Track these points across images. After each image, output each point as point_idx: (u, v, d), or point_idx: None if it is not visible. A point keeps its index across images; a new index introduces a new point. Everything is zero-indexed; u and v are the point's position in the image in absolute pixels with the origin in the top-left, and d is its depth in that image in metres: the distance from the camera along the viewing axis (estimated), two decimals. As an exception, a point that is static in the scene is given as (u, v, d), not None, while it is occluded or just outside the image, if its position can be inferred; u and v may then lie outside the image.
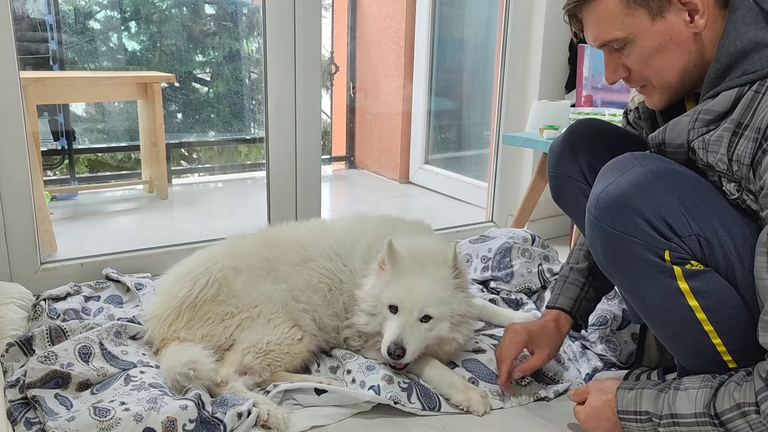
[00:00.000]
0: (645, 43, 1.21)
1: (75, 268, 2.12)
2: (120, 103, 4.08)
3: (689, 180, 1.20)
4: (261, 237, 1.77)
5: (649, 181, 1.17)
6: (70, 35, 3.80)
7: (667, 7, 1.17)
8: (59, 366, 1.44)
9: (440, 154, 4.22)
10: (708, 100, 1.19)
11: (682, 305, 1.19)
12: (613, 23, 1.21)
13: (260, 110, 4.40)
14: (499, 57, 2.81)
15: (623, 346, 1.72)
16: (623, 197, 1.18)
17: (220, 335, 1.55)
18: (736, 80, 1.14)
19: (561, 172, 1.54)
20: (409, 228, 1.82)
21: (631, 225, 1.17)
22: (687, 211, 1.16)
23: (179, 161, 4.55)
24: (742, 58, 1.14)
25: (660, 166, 1.20)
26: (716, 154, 1.16)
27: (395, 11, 4.10)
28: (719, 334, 1.18)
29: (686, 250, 1.17)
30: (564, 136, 1.55)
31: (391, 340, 1.47)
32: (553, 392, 1.59)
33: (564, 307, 1.60)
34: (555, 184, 1.57)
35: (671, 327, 1.25)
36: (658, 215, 1.16)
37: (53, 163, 3.78)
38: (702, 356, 1.22)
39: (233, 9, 4.49)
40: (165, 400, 1.35)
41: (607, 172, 1.24)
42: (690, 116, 1.20)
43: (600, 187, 1.22)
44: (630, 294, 1.29)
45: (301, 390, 1.48)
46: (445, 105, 4.14)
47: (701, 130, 1.18)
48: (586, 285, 1.61)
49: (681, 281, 1.17)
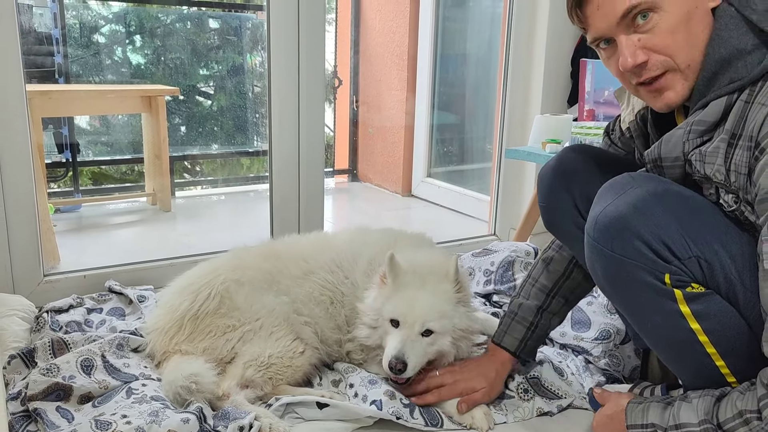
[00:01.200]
0: (673, 9, 1.15)
1: (78, 280, 2.13)
2: (124, 116, 4.10)
3: (687, 200, 1.19)
4: (263, 250, 1.77)
5: (647, 203, 1.16)
6: (75, 49, 3.83)
7: None
8: (61, 378, 1.44)
9: (443, 168, 4.23)
10: (698, 110, 1.18)
11: (683, 328, 1.17)
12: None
13: (263, 123, 4.42)
14: (501, 71, 2.82)
15: (626, 361, 1.71)
16: (622, 219, 1.16)
17: (221, 348, 1.55)
18: (723, 88, 1.14)
19: (553, 202, 1.51)
20: (411, 241, 1.82)
21: (631, 248, 1.16)
22: (686, 232, 1.15)
23: (182, 174, 4.57)
24: (727, 66, 1.14)
25: (658, 187, 1.18)
26: (713, 165, 1.15)
27: (398, 26, 4.13)
28: (722, 356, 1.17)
29: (687, 273, 1.16)
30: (554, 165, 1.51)
31: (392, 354, 1.46)
32: (556, 407, 1.58)
33: (509, 348, 1.58)
34: (547, 214, 1.54)
35: (673, 349, 1.24)
36: (657, 238, 1.15)
37: (57, 175, 3.80)
38: (705, 377, 1.21)
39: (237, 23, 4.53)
40: (167, 413, 1.35)
41: (604, 193, 1.23)
42: (683, 128, 1.19)
43: (598, 209, 1.21)
44: (631, 316, 1.28)
45: (302, 403, 1.48)
46: (448, 119, 4.16)
47: (696, 141, 1.17)
48: (533, 326, 1.58)
49: (682, 304, 1.16)
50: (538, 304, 1.59)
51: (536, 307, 1.59)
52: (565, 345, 1.83)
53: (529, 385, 1.61)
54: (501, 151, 2.85)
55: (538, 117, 2.58)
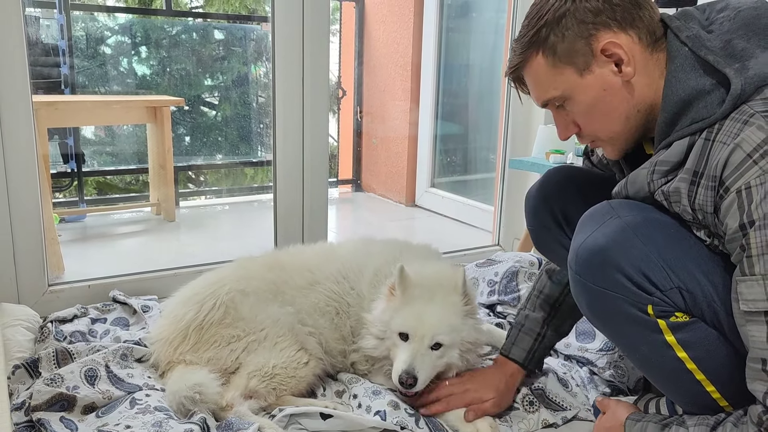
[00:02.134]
0: (582, 98, 1.22)
1: (82, 290, 2.13)
2: (129, 127, 4.13)
3: (667, 229, 1.19)
4: (268, 260, 1.77)
5: (626, 235, 1.17)
6: (81, 60, 3.86)
7: (592, 62, 1.19)
8: (65, 389, 1.44)
9: (446, 178, 4.23)
10: (662, 150, 1.19)
11: (671, 356, 1.18)
12: (547, 82, 1.24)
13: (267, 133, 4.44)
14: (505, 81, 2.83)
15: (631, 372, 1.70)
16: (601, 252, 1.17)
17: (226, 358, 1.55)
18: (686, 129, 1.15)
19: (538, 223, 1.54)
20: (417, 252, 1.81)
21: (612, 281, 1.17)
22: (666, 263, 1.15)
23: (187, 184, 4.59)
24: (688, 107, 1.15)
25: (637, 217, 1.19)
26: (679, 204, 1.16)
27: (402, 36, 4.15)
28: (712, 382, 1.18)
29: (669, 303, 1.16)
30: (537, 187, 1.55)
31: (403, 369, 1.46)
32: (561, 418, 1.57)
33: (517, 359, 1.60)
34: (534, 236, 1.57)
35: (664, 378, 1.25)
36: (637, 270, 1.15)
37: (62, 185, 3.82)
38: (698, 402, 1.21)
39: (242, 34, 4.56)
40: (170, 423, 1.34)
41: (585, 223, 1.24)
42: (647, 168, 1.21)
43: (579, 241, 1.22)
44: (620, 347, 1.30)
45: (306, 414, 1.47)
46: (451, 129, 4.17)
47: (660, 181, 1.18)
48: (540, 336, 1.61)
49: (667, 334, 1.17)
50: (543, 316, 1.60)
51: (542, 318, 1.60)
52: (569, 356, 1.82)
53: (534, 396, 1.60)
54: (505, 162, 2.85)
55: (542, 127, 2.59)
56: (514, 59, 1.27)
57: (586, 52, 1.18)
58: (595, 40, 1.17)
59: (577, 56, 1.19)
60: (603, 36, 1.17)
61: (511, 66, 1.29)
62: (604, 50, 1.17)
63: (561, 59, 1.20)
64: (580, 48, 1.18)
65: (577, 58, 1.19)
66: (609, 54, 1.18)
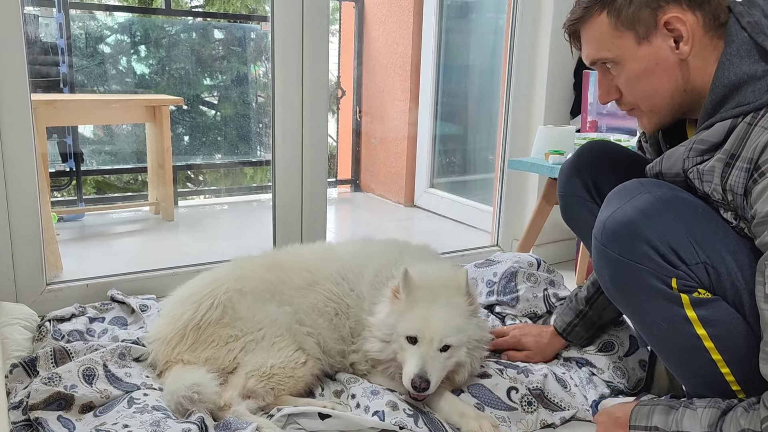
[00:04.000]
0: (632, 67, 1.24)
1: (80, 289, 2.13)
2: (128, 126, 4.12)
3: (696, 207, 1.20)
4: (266, 260, 1.77)
5: (656, 208, 1.17)
6: (80, 59, 3.86)
7: (653, 32, 1.20)
8: (63, 388, 1.44)
9: (445, 178, 4.23)
10: (703, 130, 1.20)
11: (689, 334, 1.18)
12: (602, 42, 1.25)
13: (266, 133, 4.44)
14: (504, 82, 2.83)
15: (631, 373, 1.70)
16: (630, 224, 1.18)
17: (223, 358, 1.54)
18: (730, 111, 1.16)
19: (569, 191, 1.59)
20: (417, 254, 1.81)
21: (639, 252, 1.17)
22: (694, 238, 1.16)
23: (185, 183, 4.58)
24: (736, 90, 1.16)
25: (667, 193, 1.20)
26: (711, 183, 1.17)
27: (401, 37, 4.15)
28: (727, 363, 1.18)
29: (694, 278, 1.16)
30: (573, 157, 1.60)
31: (415, 372, 1.46)
32: (560, 419, 1.57)
33: (557, 328, 1.76)
34: (564, 203, 1.63)
35: (678, 355, 1.24)
36: (665, 243, 1.16)
37: (61, 184, 3.82)
38: (709, 384, 1.21)
39: (241, 34, 4.56)
40: (168, 423, 1.34)
41: (613, 198, 1.25)
42: (685, 146, 1.22)
43: (606, 213, 1.22)
44: (637, 321, 1.28)
45: (304, 414, 1.47)
46: (451, 129, 4.17)
47: (695, 159, 1.20)
48: (581, 314, 1.71)
49: (689, 309, 1.17)
50: (587, 296, 1.69)
51: (585, 298, 1.70)
52: (568, 358, 1.82)
53: (532, 396, 1.60)
54: (504, 162, 2.85)
55: (541, 128, 2.59)
56: (577, 13, 1.28)
57: (649, 22, 1.20)
58: (662, 12, 1.18)
59: (640, 24, 1.20)
60: (670, 9, 1.18)
61: (572, 19, 1.30)
62: (667, 23, 1.19)
63: (623, 23, 1.21)
64: (645, 17, 1.19)
65: (639, 25, 1.20)
66: (671, 28, 1.19)
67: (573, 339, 1.75)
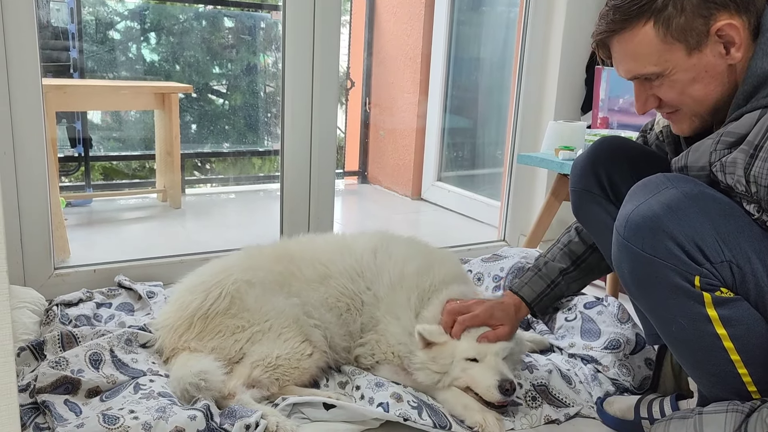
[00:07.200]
0: (679, 77, 1.19)
1: (88, 274, 2.13)
2: (137, 113, 4.13)
3: (723, 204, 1.17)
4: (276, 250, 1.75)
5: (682, 204, 1.14)
6: (90, 44, 3.86)
7: (704, 41, 1.15)
8: (69, 372, 1.44)
9: (453, 172, 4.22)
10: (731, 122, 1.17)
11: (709, 333, 1.16)
12: (648, 57, 1.19)
13: (274, 123, 4.43)
14: (515, 76, 2.82)
15: (636, 371, 1.69)
16: (655, 219, 1.15)
17: (230, 348, 1.55)
18: (761, 101, 1.13)
19: (582, 186, 1.54)
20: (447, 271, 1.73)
21: (662, 248, 1.15)
22: (720, 236, 1.14)
23: (193, 171, 4.59)
24: (766, 81, 1.13)
25: (693, 189, 1.17)
26: (734, 175, 1.14)
27: (412, 28, 4.13)
28: (745, 364, 1.16)
29: (717, 277, 1.14)
30: (588, 152, 1.56)
31: (501, 378, 1.47)
32: (564, 415, 1.57)
33: (526, 298, 1.69)
34: (576, 199, 1.58)
35: (696, 354, 1.22)
36: (690, 239, 1.13)
37: (69, 169, 3.83)
38: (725, 385, 1.19)
39: (252, 23, 4.55)
40: (174, 409, 1.35)
41: (637, 192, 1.21)
42: (713, 138, 1.19)
43: (630, 207, 1.19)
44: (655, 317, 1.26)
45: (309, 404, 1.47)
46: (460, 123, 4.15)
47: (722, 152, 1.16)
48: (553, 285, 1.70)
49: (710, 308, 1.15)
50: (563, 267, 1.68)
51: (560, 269, 1.68)
52: (573, 354, 1.81)
53: (536, 392, 1.60)
54: (513, 157, 2.84)
55: (552, 123, 2.57)
56: (613, 24, 1.20)
57: (701, 32, 1.14)
58: (714, 20, 1.14)
59: (692, 34, 1.15)
60: (721, 16, 1.14)
61: (606, 30, 1.22)
62: (719, 30, 1.14)
63: (674, 34, 1.15)
64: (697, 26, 1.14)
65: (691, 36, 1.15)
66: (722, 35, 1.14)
67: (539, 310, 1.73)
